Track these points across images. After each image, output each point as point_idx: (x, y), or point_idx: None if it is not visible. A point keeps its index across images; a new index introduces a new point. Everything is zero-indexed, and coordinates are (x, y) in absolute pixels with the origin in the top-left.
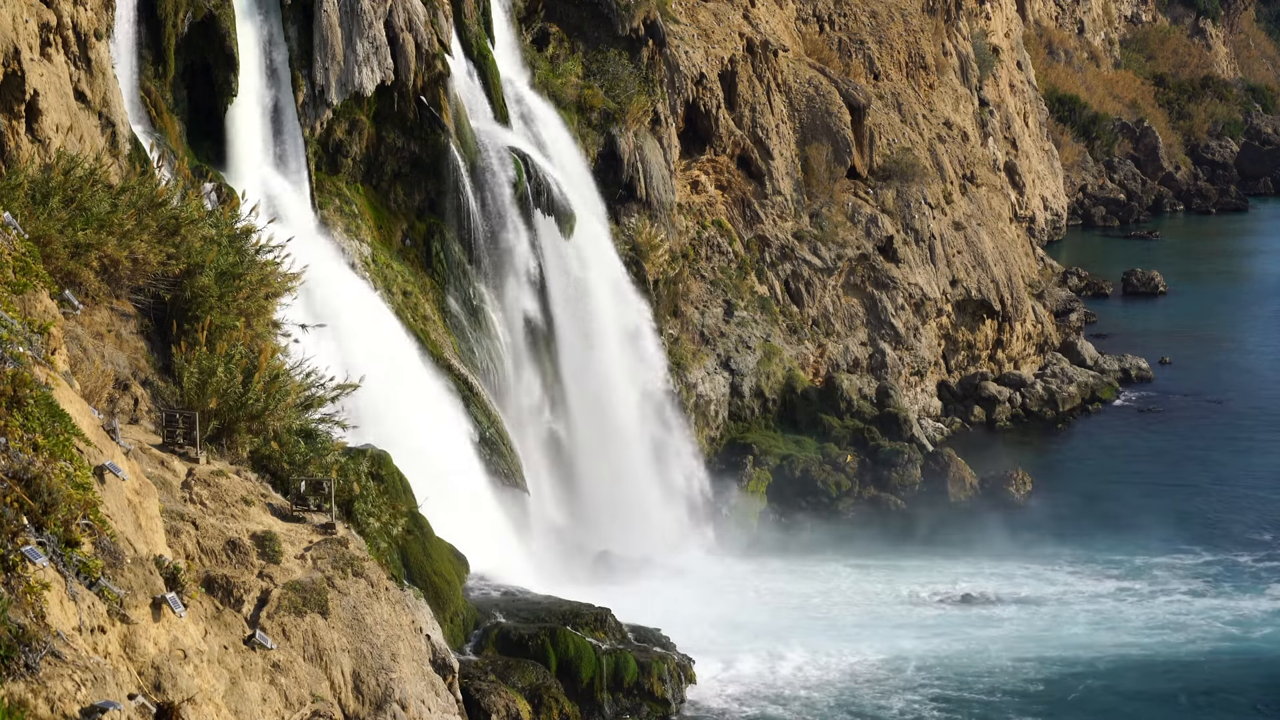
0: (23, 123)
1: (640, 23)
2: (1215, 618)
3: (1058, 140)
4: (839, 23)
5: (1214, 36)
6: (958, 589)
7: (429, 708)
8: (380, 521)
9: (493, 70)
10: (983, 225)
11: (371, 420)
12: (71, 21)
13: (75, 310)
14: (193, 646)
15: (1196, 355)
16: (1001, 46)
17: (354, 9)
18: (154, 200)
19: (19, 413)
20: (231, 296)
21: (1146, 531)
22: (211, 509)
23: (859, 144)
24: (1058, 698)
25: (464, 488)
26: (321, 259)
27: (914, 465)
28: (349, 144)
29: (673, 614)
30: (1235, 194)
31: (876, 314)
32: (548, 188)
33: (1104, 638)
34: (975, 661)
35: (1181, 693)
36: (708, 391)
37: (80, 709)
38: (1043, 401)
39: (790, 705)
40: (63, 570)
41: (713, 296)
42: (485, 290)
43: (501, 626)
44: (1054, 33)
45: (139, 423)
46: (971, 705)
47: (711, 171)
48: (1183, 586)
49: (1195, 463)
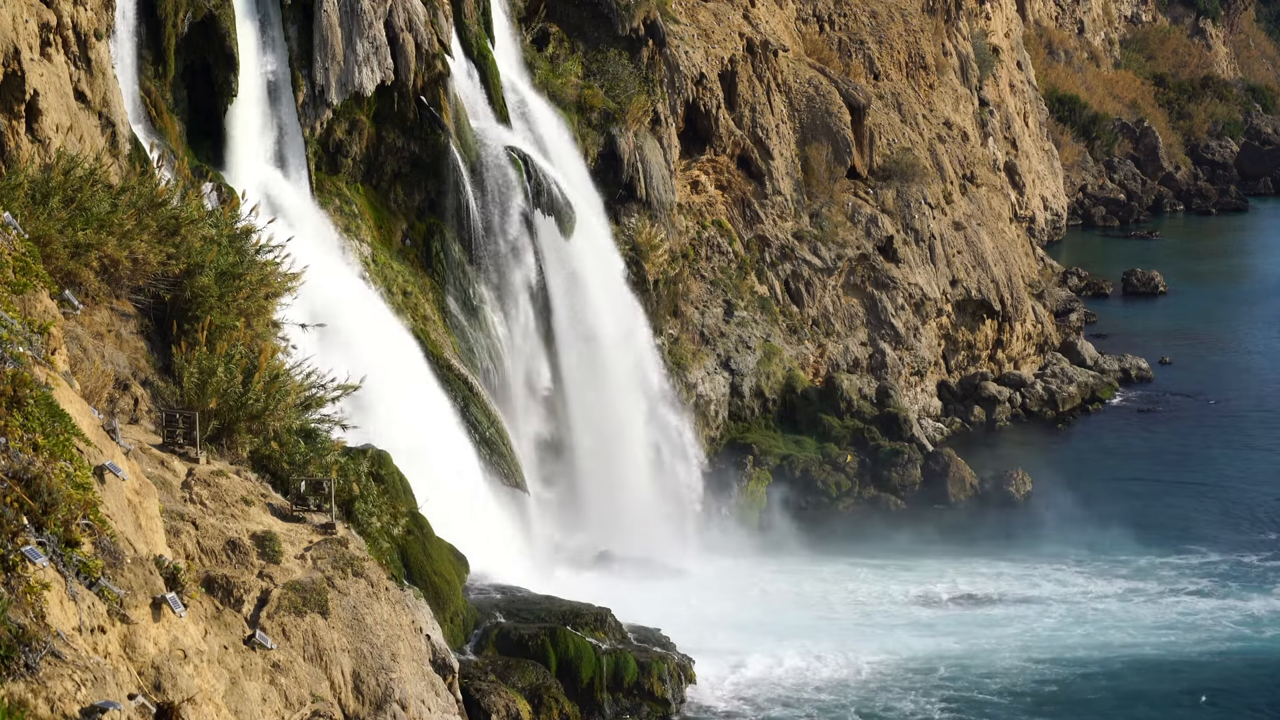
0: (23, 123)
1: (640, 23)
2: (1224, 618)
3: (1058, 140)
4: (839, 23)
5: (1214, 36)
6: (958, 589)
7: (429, 708)
8: (381, 521)
9: (493, 70)
10: (983, 225)
11: (371, 420)
12: (71, 21)
13: (75, 310)
14: (193, 646)
15: (1196, 355)
16: (1001, 46)
17: (354, 9)
18: (154, 200)
19: (19, 413)
20: (231, 296)
21: (1147, 531)
22: (211, 509)
23: (859, 144)
24: (1062, 698)
25: (464, 488)
26: (321, 259)
27: (914, 465)
28: (349, 144)
29: (673, 614)
30: (1235, 194)
31: (876, 314)
32: (548, 188)
33: (1107, 637)
34: (976, 661)
35: (1192, 693)
36: (708, 391)
37: (80, 709)
38: (1043, 401)
39: (790, 705)
40: (63, 570)
41: (713, 296)
42: (485, 290)
43: (501, 626)
44: (1054, 33)
45: (139, 423)
46: (972, 705)
47: (711, 171)
48: (1189, 586)
49: (1195, 463)
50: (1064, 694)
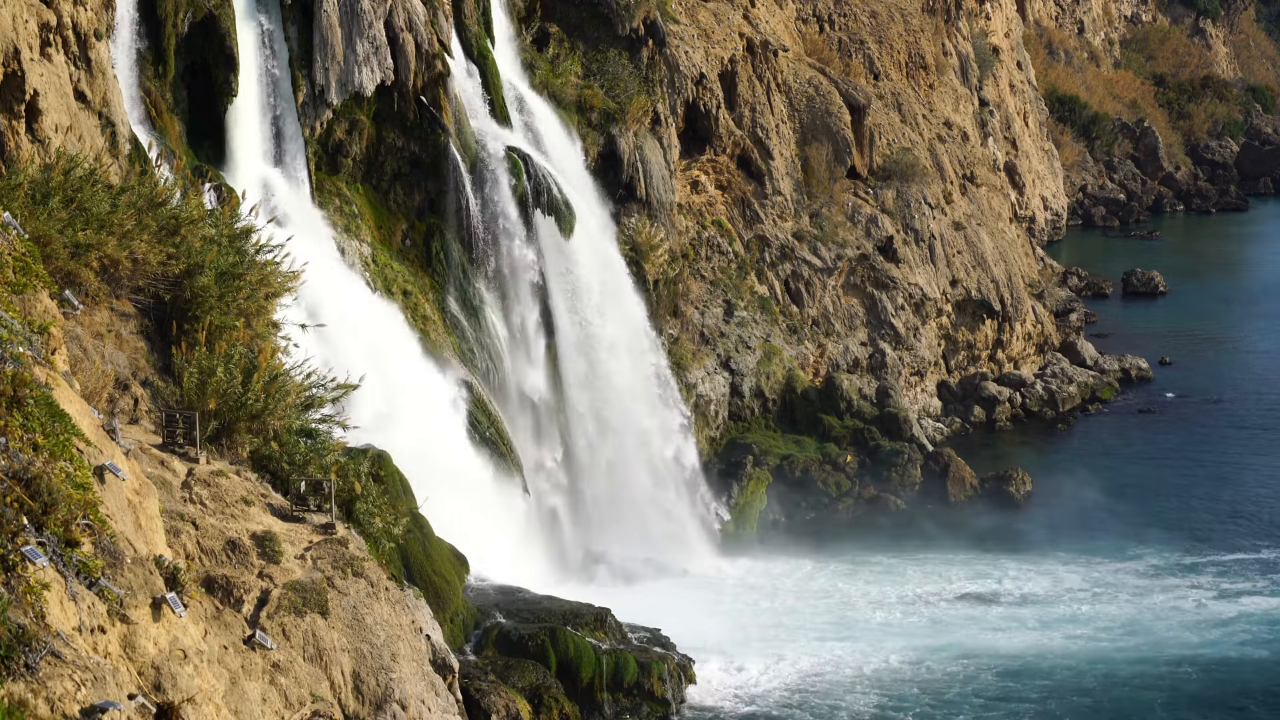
0: (23, 123)
1: (640, 23)
2: (1224, 617)
3: (1058, 140)
4: (839, 23)
5: (1214, 36)
6: (957, 589)
7: (429, 708)
8: (382, 521)
9: (493, 70)
10: (983, 225)
11: (371, 420)
12: (71, 21)
13: (75, 310)
14: (193, 646)
15: (1196, 355)
16: (1001, 46)
17: (354, 9)
18: (154, 200)
19: (19, 413)
20: (231, 296)
21: (1147, 531)
22: (211, 509)
23: (859, 144)
24: (1062, 697)
25: (464, 488)
26: (321, 259)
27: (914, 465)
28: (349, 144)
29: (672, 614)
30: (1235, 194)
31: (876, 314)
32: (548, 188)
33: (1107, 636)
34: (976, 661)
35: (1193, 692)
36: (708, 391)
37: (80, 709)
38: (1043, 401)
39: (790, 705)
40: (63, 570)
41: (713, 296)
42: (485, 290)
43: (501, 626)
44: (1054, 33)
45: (139, 423)
46: (972, 705)
47: (711, 171)
48: (1190, 585)
49: (1195, 463)
50: (1064, 693)
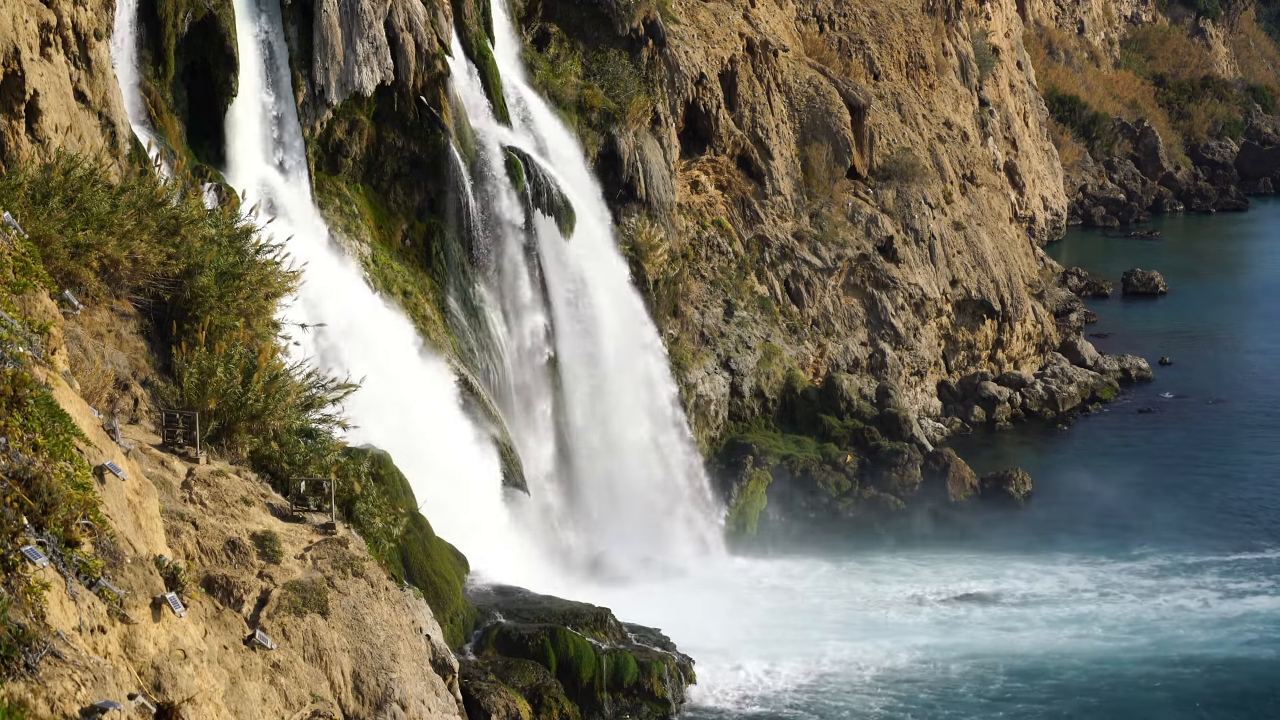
0: (23, 123)
1: (640, 23)
2: (1225, 617)
3: (1058, 140)
4: (839, 23)
5: (1214, 36)
6: (957, 589)
7: (429, 708)
8: (382, 522)
9: (493, 70)
10: (983, 225)
11: (371, 420)
12: (71, 21)
13: (75, 310)
14: (193, 646)
15: (1196, 355)
16: (1001, 46)
17: (354, 9)
18: (154, 200)
19: (19, 413)
20: (231, 296)
21: (1147, 531)
22: (211, 509)
23: (859, 144)
24: (1062, 696)
25: (464, 488)
26: (321, 259)
27: (914, 465)
28: (349, 144)
29: (673, 614)
30: (1235, 194)
31: (876, 314)
32: (548, 188)
33: (1107, 636)
34: (976, 661)
35: (1193, 692)
36: (708, 391)
37: (80, 709)
38: (1043, 401)
39: (790, 705)
40: (63, 570)
41: (713, 296)
42: (485, 290)
43: (501, 626)
44: (1054, 33)
45: (139, 423)
46: (972, 705)
47: (711, 171)
48: (1190, 585)
49: (1195, 463)
50: (1064, 693)
